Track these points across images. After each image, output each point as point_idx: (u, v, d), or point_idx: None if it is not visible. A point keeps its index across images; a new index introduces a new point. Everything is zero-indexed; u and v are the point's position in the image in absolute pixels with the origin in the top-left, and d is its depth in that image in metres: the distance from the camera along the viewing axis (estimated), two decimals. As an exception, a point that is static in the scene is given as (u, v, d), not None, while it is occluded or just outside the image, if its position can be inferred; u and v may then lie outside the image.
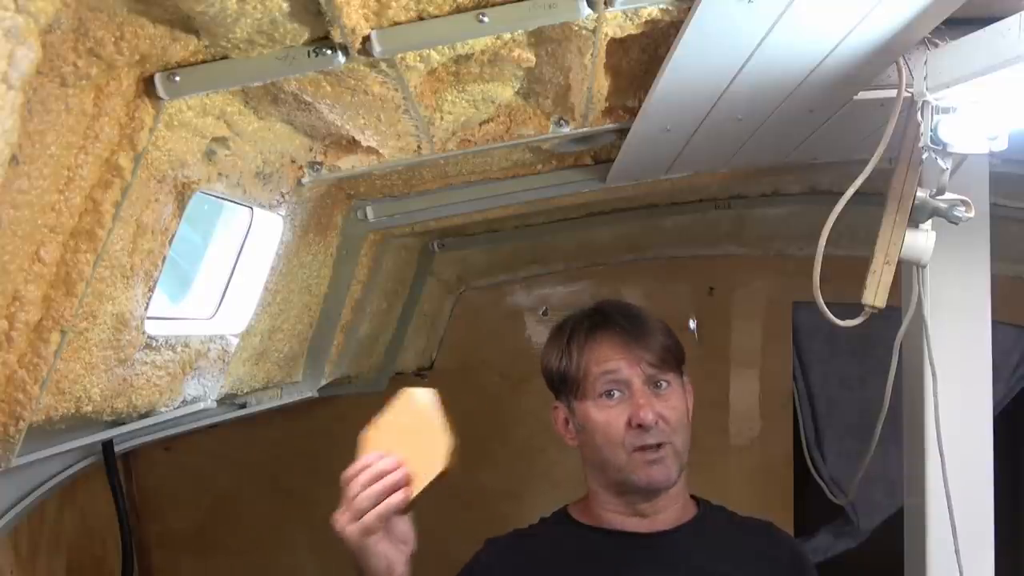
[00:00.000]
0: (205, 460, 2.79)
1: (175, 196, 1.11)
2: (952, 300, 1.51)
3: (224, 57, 0.95)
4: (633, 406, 1.35)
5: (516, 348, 2.87)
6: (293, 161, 1.32)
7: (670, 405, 1.37)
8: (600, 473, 1.41)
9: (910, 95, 1.20)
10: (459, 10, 0.95)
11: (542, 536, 1.46)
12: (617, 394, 1.37)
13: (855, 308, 1.30)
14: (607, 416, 1.37)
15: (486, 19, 0.95)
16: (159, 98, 0.94)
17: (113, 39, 0.83)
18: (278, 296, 1.56)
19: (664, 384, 1.38)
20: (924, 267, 1.36)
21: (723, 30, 0.97)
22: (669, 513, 1.42)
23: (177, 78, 0.94)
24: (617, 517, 1.42)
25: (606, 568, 1.38)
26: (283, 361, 1.78)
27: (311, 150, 1.33)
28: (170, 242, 1.15)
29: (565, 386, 1.43)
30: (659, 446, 1.35)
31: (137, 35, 0.85)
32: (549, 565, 1.40)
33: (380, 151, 1.32)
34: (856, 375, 2.80)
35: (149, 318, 1.19)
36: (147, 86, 0.93)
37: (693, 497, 1.49)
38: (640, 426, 1.34)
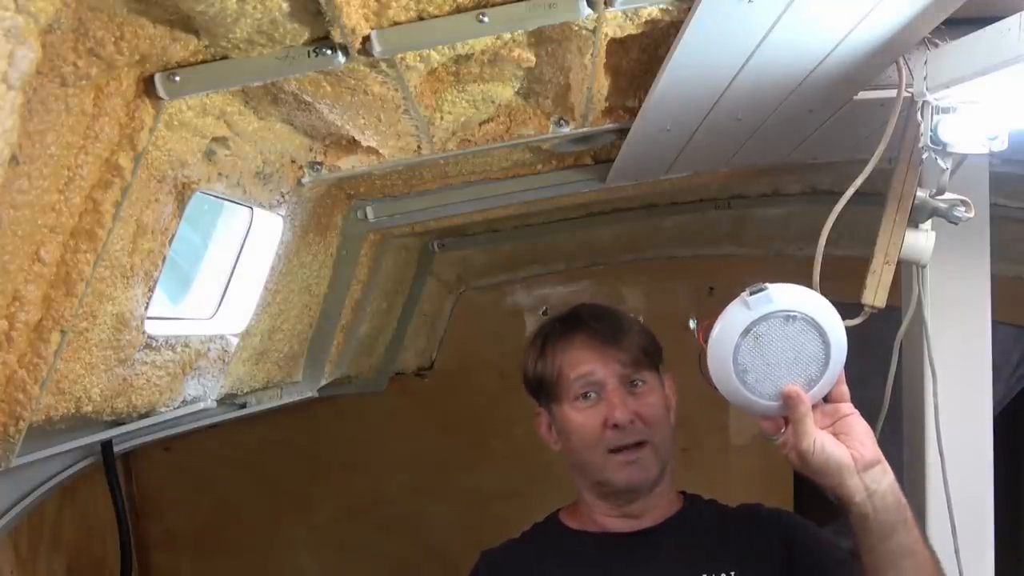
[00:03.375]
0: (205, 460, 2.79)
1: (175, 196, 1.11)
2: (952, 300, 1.51)
3: (224, 57, 0.95)
4: (608, 407, 1.36)
5: (516, 348, 2.85)
6: (293, 161, 1.32)
7: (646, 403, 1.38)
8: (581, 476, 1.42)
9: (910, 95, 1.20)
10: (459, 10, 0.95)
11: (533, 544, 1.47)
12: (593, 395, 1.39)
13: (855, 308, 1.30)
14: (583, 418, 1.38)
15: (486, 19, 0.95)
16: (159, 98, 0.94)
17: (113, 39, 0.83)
18: (278, 296, 1.56)
19: (640, 383, 1.39)
20: (924, 267, 1.36)
21: (723, 30, 0.97)
22: (655, 512, 1.42)
23: (177, 78, 0.94)
24: (604, 519, 1.43)
25: (590, 571, 1.39)
26: (283, 361, 1.78)
27: (311, 150, 1.33)
28: (170, 242, 1.15)
29: (544, 391, 1.45)
30: (638, 445, 1.36)
31: (137, 35, 0.85)
32: (540, 573, 1.41)
33: (380, 151, 1.32)
34: (856, 375, 2.79)
35: (149, 318, 1.19)
36: (147, 86, 0.93)
37: (683, 493, 1.48)
38: (616, 426, 1.35)
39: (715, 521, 1.44)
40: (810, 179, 2.25)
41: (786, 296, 1.08)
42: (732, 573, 1.34)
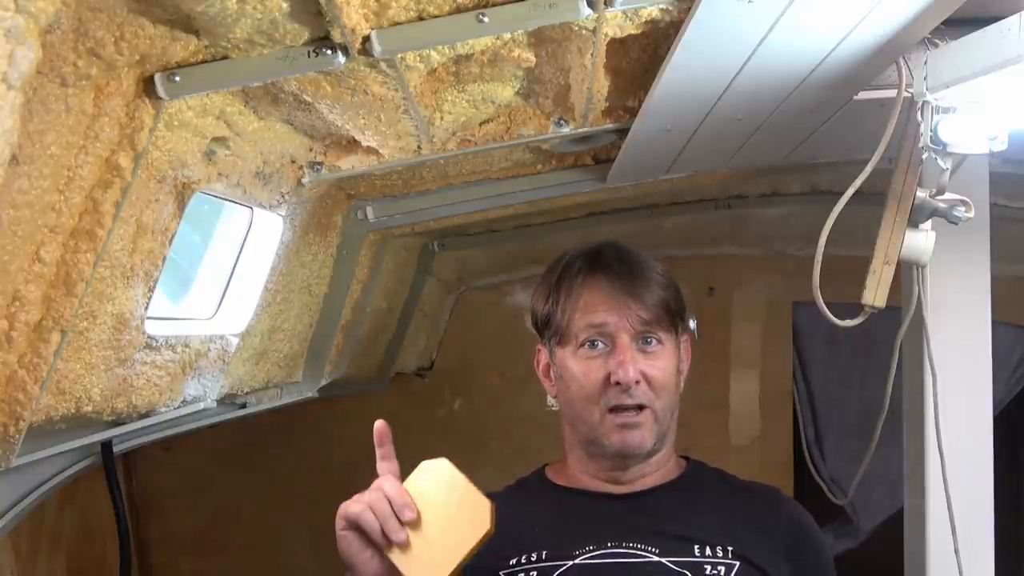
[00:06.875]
0: (205, 460, 2.79)
1: (175, 196, 1.11)
2: (952, 300, 1.51)
3: (224, 57, 0.95)
4: (615, 362, 1.25)
5: (516, 348, 2.87)
6: (293, 161, 1.33)
7: (657, 365, 1.27)
8: (572, 428, 1.33)
9: (910, 95, 1.20)
10: (459, 10, 0.95)
11: (513, 496, 1.35)
12: (600, 346, 1.27)
13: (855, 308, 1.30)
14: (586, 368, 1.27)
15: (486, 19, 0.95)
16: (159, 98, 0.94)
17: (113, 39, 0.83)
18: (278, 296, 1.56)
19: (654, 341, 1.28)
20: (924, 267, 1.36)
21: (723, 30, 0.97)
22: (648, 479, 1.32)
23: (177, 78, 0.94)
24: (591, 480, 1.33)
25: (573, 529, 1.28)
26: (283, 361, 1.78)
27: (311, 150, 1.33)
28: (170, 242, 1.15)
29: (549, 329, 1.33)
30: (638, 409, 1.25)
31: (137, 35, 0.85)
32: (515, 529, 1.27)
33: (380, 151, 1.32)
34: (856, 375, 2.80)
35: (149, 318, 1.19)
36: (147, 86, 0.93)
37: (687, 459, 1.40)
38: (619, 384, 1.24)
39: (719, 491, 1.34)
40: (810, 179, 2.25)
41: None
42: (730, 549, 1.23)
